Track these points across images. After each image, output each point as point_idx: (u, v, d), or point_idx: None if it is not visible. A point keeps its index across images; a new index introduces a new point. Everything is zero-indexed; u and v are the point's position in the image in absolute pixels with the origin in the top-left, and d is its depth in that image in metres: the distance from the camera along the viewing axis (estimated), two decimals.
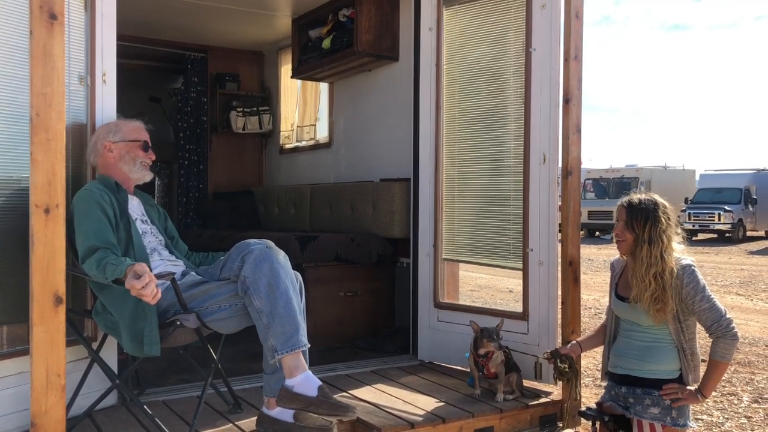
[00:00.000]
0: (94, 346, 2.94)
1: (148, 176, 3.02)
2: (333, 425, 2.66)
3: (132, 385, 3.18)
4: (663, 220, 2.64)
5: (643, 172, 24.46)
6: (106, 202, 2.75)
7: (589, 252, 18.25)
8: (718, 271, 13.47)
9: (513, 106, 3.70)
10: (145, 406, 2.76)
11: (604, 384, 2.93)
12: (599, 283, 11.64)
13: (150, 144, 3.04)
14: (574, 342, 3.05)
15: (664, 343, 2.67)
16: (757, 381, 5.64)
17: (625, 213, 2.70)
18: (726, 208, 21.82)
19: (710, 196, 22.87)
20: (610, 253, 16.92)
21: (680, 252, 2.66)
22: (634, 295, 2.67)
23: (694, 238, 21.20)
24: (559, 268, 3.43)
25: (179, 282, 2.74)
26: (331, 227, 5.32)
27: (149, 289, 2.40)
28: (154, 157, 3.04)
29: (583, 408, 2.99)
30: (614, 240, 2.79)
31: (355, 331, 4.64)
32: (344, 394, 3.37)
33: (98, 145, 2.95)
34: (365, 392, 3.41)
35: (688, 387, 2.64)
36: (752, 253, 18.27)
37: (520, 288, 3.72)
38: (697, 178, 26.69)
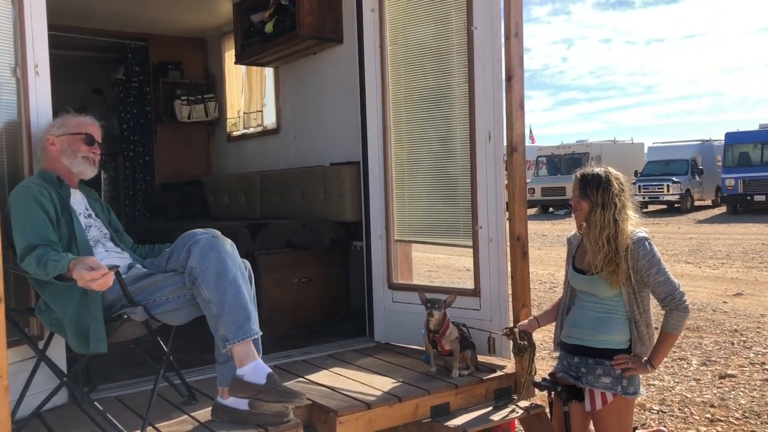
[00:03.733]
0: (41, 344, 2.87)
1: (90, 172, 2.93)
2: (289, 411, 2.66)
3: (83, 382, 3.12)
4: (615, 184, 2.71)
5: (593, 147, 24.89)
6: (46, 197, 2.68)
7: (543, 228, 18.55)
8: (668, 241, 13.85)
9: (457, 86, 3.71)
10: (95, 403, 2.71)
11: (557, 354, 2.99)
12: (554, 258, 11.85)
13: (98, 139, 2.94)
14: (531, 318, 3.10)
15: (616, 315, 2.73)
16: (705, 345, 5.83)
17: (579, 182, 2.77)
18: (674, 179, 22.39)
19: (659, 168, 23.42)
20: (564, 228, 17.23)
21: (635, 225, 2.72)
22: (588, 259, 2.73)
23: (644, 210, 21.64)
24: (508, 244, 3.48)
25: (125, 275, 2.70)
26: (282, 214, 5.28)
27: (101, 281, 2.36)
28: (98, 151, 2.94)
29: (537, 379, 3.05)
30: (572, 211, 2.85)
31: (310, 317, 4.63)
32: (300, 379, 3.36)
33: (42, 138, 2.89)
34: (322, 376, 3.41)
35: (638, 357, 2.71)
36: (700, 222, 18.83)
37: None
38: (646, 151, 27.28)
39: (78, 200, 2.93)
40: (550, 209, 24.44)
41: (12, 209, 2.64)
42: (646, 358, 2.72)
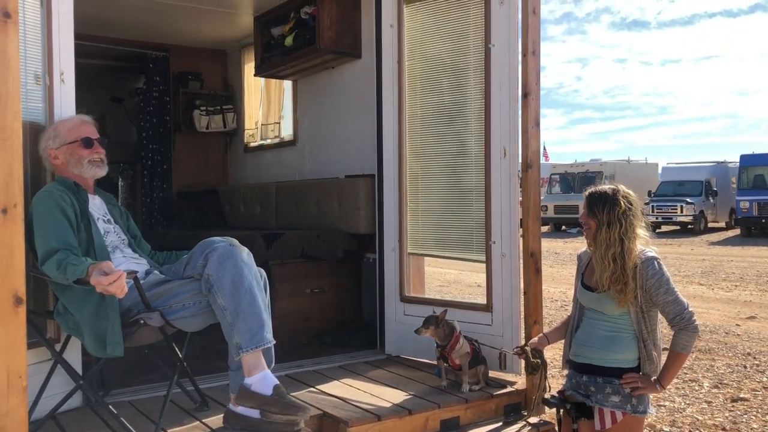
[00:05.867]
0: (57, 347, 2.91)
1: (101, 172, 2.94)
2: (299, 421, 2.68)
3: (97, 386, 3.15)
4: (622, 203, 2.70)
5: (607, 166, 24.80)
6: (66, 203, 2.72)
7: (555, 245, 18.49)
8: (681, 262, 13.76)
9: (473, 102, 3.75)
10: (110, 406, 2.74)
11: (566, 372, 2.99)
12: (565, 276, 11.81)
13: (94, 137, 2.93)
14: (541, 335, 3.10)
15: (625, 333, 2.73)
16: (717, 367, 5.78)
17: (586, 200, 2.78)
18: (688, 200, 22.25)
19: (672, 189, 23.29)
20: (576, 246, 17.15)
21: (645, 243, 2.73)
22: (596, 278, 2.73)
23: (657, 230, 21.57)
24: (521, 259, 3.49)
25: (142, 281, 2.73)
26: (296, 224, 5.32)
27: (116, 286, 2.39)
28: (101, 150, 2.94)
29: (546, 396, 3.05)
30: (583, 230, 2.86)
31: (322, 327, 4.65)
32: (311, 389, 3.38)
33: (44, 153, 2.90)
34: (333, 387, 3.43)
35: (647, 376, 2.71)
36: (713, 243, 18.68)
37: None
38: (660, 171, 27.16)
39: (97, 206, 2.98)
40: (563, 227, 24.35)
41: (34, 214, 2.69)
42: (655, 377, 2.72)
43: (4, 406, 2.14)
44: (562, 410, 2.92)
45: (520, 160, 3.48)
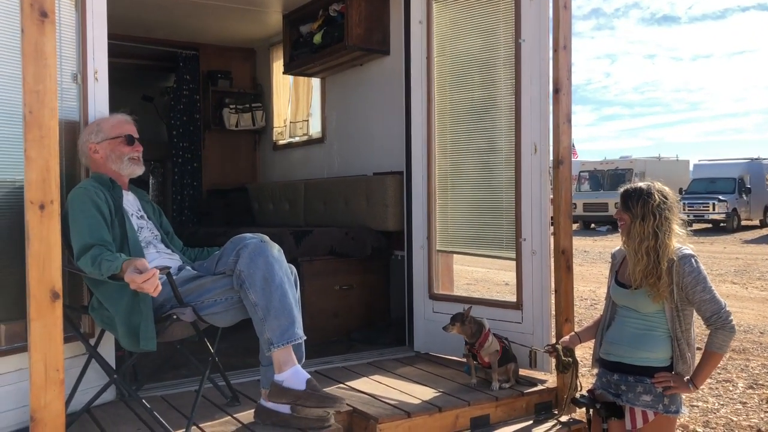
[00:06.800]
0: (92, 342, 2.96)
1: (138, 170, 3.00)
2: (330, 416, 2.69)
3: (130, 380, 3.19)
4: (657, 197, 2.68)
5: (637, 164, 24.48)
6: (101, 199, 2.76)
7: (584, 244, 18.31)
8: (714, 260, 13.53)
9: (503, 98, 3.72)
10: (143, 401, 2.78)
11: (595, 371, 2.96)
12: (595, 275, 11.69)
13: (135, 136, 2.99)
14: (573, 333, 3.08)
15: (658, 332, 2.69)
16: (751, 367, 5.68)
17: (621, 196, 2.77)
18: (720, 197, 21.86)
19: (704, 186, 22.90)
20: (606, 244, 16.98)
21: (682, 241, 2.69)
22: (629, 272, 2.71)
23: (689, 228, 21.24)
24: (552, 257, 3.46)
25: (175, 276, 2.76)
26: (325, 222, 5.34)
27: (150, 283, 2.42)
28: (140, 149, 3.00)
29: (576, 395, 3.02)
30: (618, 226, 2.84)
31: (350, 324, 4.66)
32: (341, 385, 3.39)
33: (84, 147, 2.95)
34: (362, 383, 3.44)
35: (680, 376, 2.67)
36: (747, 242, 18.34)
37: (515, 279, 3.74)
38: (691, 168, 26.74)
39: (131, 202, 3.02)
40: (592, 225, 24.08)
41: (70, 210, 2.73)
42: (688, 377, 2.68)
43: (42, 399, 2.18)
44: (591, 410, 2.89)
45: (551, 157, 3.45)
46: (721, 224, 21.76)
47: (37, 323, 2.17)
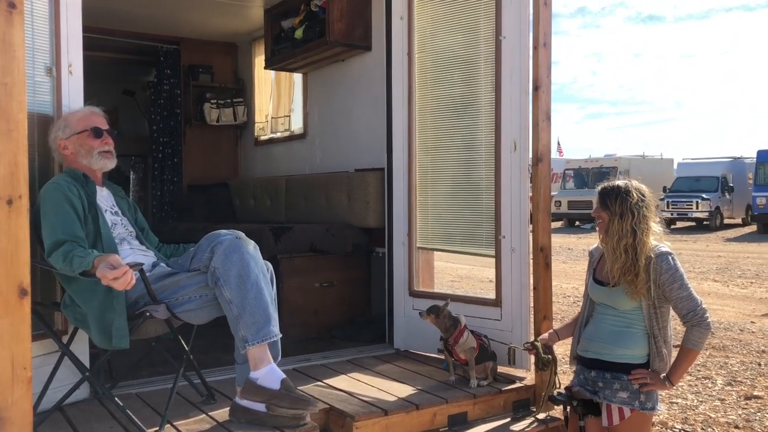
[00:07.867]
0: (65, 339, 2.92)
1: (110, 164, 2.94)
2: (306, 414, 2.67)
3: (105, 378, 3.16)
4: (634, 195, 2.68)
5: (622, 162, 24.63)
6: (74, 194, 2.72)
7: (568, 241, 18.39)
8: (696, 258, 13.62)
9: (484, 95, 3.71)
10: (116, 399, 2.74)
11: (573, 368, 2.96)
12: (579, 272, 11.73)
13: (104, 127, 2.92)
14: (551, 331, 3.08)
15: (635, 329, 2.70)
16: (730, 365, 5.72)
17: (599, 194, 2.77)
18: (704, 196, 22.03)
19: (688, 185, 23.07)
20: (590, 242, 17.04)
21: (659, 239, 2.70)
22: (606, 270, 2.71)
23: (672, 227, 21.40)
24: (531, 254, 3.46)
25: (149, 273, 2.73)
26: (306, 218, 5.31)
27: (121, 281, 2.38)
28: (111, 142, 2.93)
29: (553, 393, 3.02)
30: (596, 224, 2.84)
31: (330, 321, 4.64)
32: (319, 383, 3.37)
33: (53, 144, 2.90)
34: (340, 381, 3.42)
35: (656, 373, 2.68)
36: (729, 240, 18.51)
37: None
38: (675, 166, 26.93)
39: (105, 197, 2.97)
40: (577, 223, 24.20)
41: (42, 205, 2.69)
42: (664, 374, 2.69)
43: (9, 397, 2.14)
44: (569, 407, 2.89)
45: (530, 154, 3.45)
46: (704, 222, 21.94)
47: (5, 320, 2.12)
